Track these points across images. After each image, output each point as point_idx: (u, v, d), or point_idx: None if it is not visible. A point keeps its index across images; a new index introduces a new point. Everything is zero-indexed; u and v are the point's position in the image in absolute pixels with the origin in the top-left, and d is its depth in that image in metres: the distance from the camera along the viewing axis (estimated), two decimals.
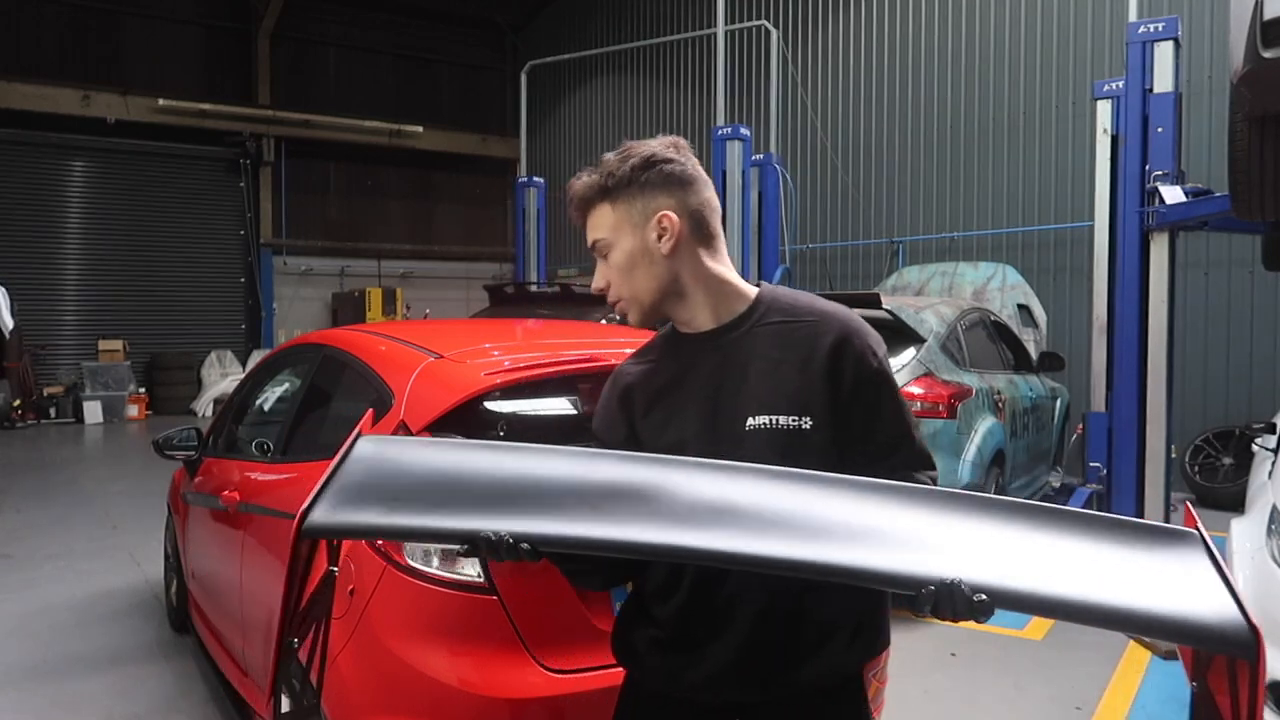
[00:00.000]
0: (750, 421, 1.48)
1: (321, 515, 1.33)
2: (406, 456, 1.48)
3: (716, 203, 1.59)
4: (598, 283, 1.58)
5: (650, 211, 1.52)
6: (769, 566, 1.22)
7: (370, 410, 1.73)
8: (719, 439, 1.49)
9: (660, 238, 1.52)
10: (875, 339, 1.55)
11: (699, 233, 1.55)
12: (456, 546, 1.30)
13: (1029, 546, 1.24)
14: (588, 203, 1.56)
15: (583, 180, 1.56)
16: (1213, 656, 1.21)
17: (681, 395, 1.55)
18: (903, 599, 1.19)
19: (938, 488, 1.41)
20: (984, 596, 1.13)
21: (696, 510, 1.29)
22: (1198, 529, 1.26)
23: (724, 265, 1.58)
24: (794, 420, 1.47)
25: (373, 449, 1.46)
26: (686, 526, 1.26)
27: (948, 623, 1.12)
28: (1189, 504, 1.45)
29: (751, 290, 1.59)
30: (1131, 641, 4.55)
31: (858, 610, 1.53)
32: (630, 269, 1.53)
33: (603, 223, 1.54)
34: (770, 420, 1.47)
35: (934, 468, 1.57)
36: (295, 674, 1.36)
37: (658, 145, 1.56)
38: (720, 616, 1.50)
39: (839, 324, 1.52)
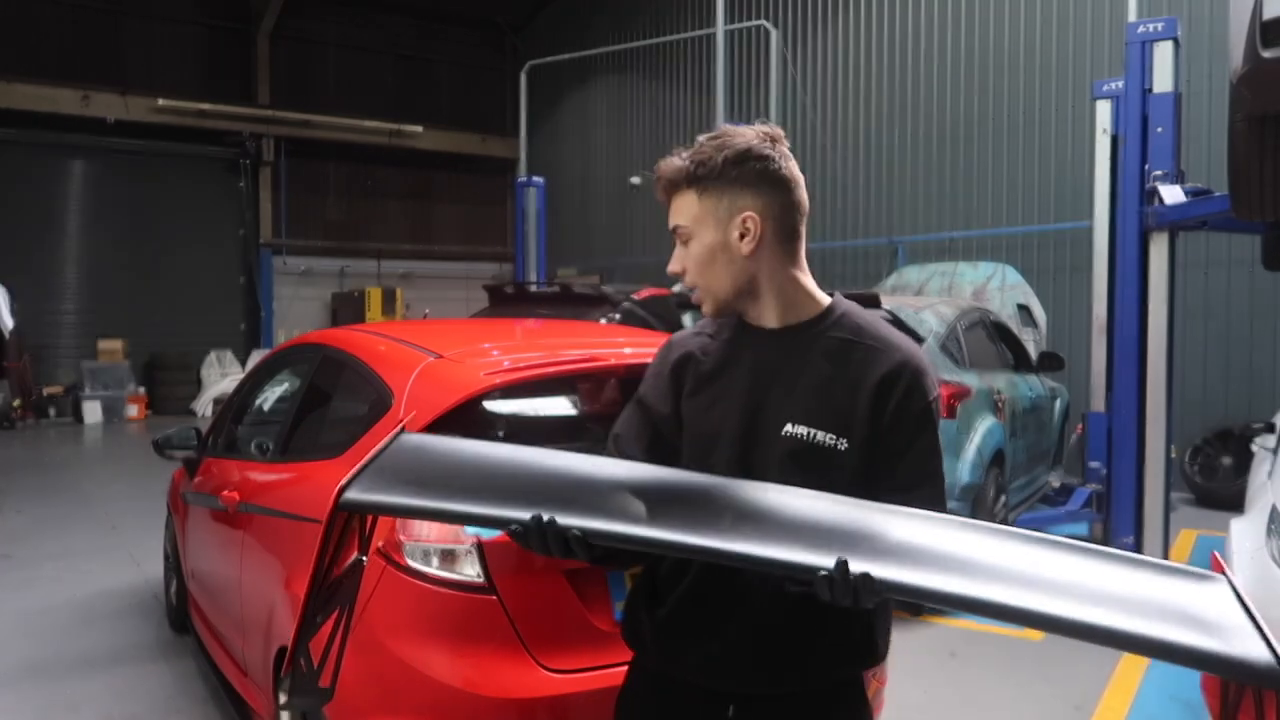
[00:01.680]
0: (788, 428, 1.49)
1: (359, 491, 1.35)
2: (447, 450, 1.53)
3: (805, 204, 1.57)
4: (673, 266, 1.56)
5: (736, 209, 1.50)
6: (704, 555, 1.28)
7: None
8: (753, 437, 1.51)
9: (742, 238, 1.50)
10: (930, 380, 1.53)
11: (781, 235, 1.53)
12: (464, 546, 1.33)
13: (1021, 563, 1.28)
14: (674, 185, 1.53)
15: (673, 163, 1.53)
16: (1242, 695, 1.22)
17: (729, 384, 1.56)
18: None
19: (913, 510, 1.42)
20: (867, 572, 1.18)
21: (660, 508, 1.36)
22: (1225, 574, 1.28)
23: (800, 269, 1.57)
24: (832, 439, 1.47)
25: (415, 442, 1.51)
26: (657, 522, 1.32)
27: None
28: (1216, 554, 1.46)
29: (824, 299, 1.58)
30: None
31: (858, 617, 1.47)
32: (708, 263, 1.52)
33: (686, 210, 1.52)
34: (809, 432, 1.48)
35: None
36: (305, 654, 1.41)
37: (754, 138, 1.52)
38: (723, 604, 1.52)
39: (898, 357, 1.51)
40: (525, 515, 1.29)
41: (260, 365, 4.33)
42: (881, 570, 1.21)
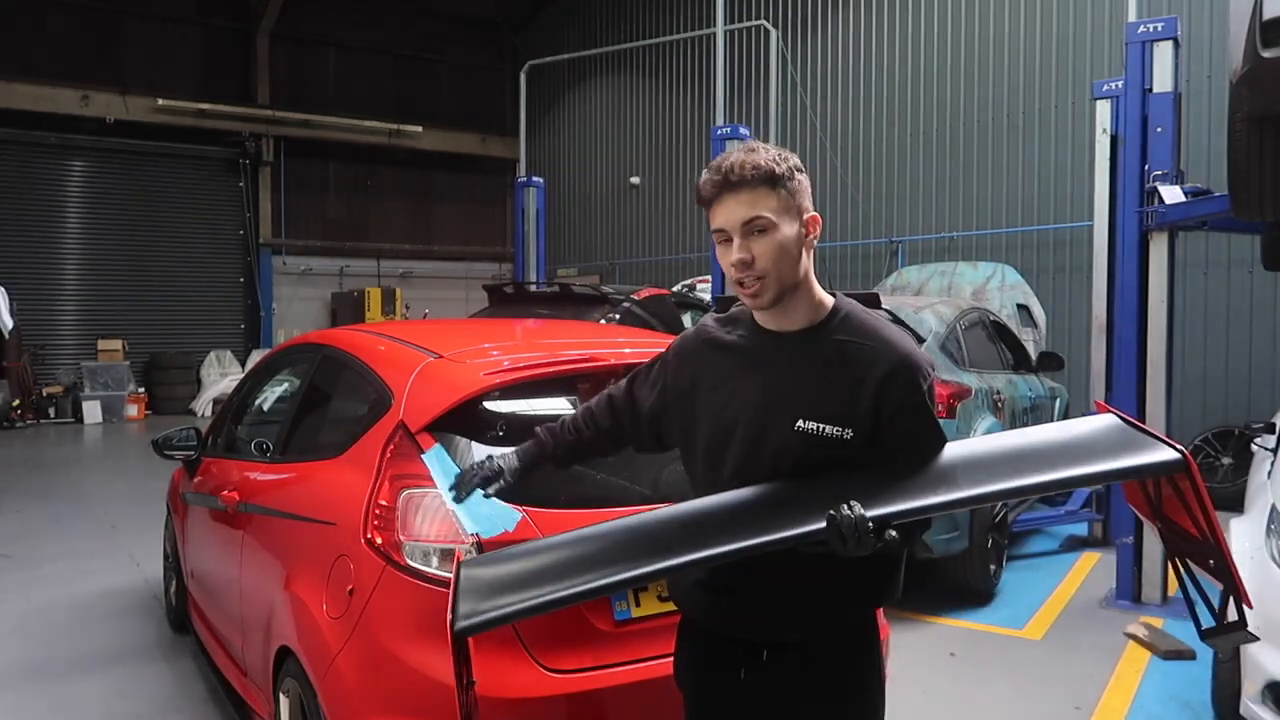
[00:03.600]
0: (800, 424, 1.66)
1: (468, 615, 1.56)
2: (515, 553, 1.79)
3: None
4: (741, 255, 1.64)
5: (803, 209, 1.67)
6: (736, 555, 1.56)
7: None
8: (767, 431, 1.68)
9: (807, 235, 1.68)
10: (925, 371, 1.68)
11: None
12: (464, 546, 1.49)
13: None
14: (756, 181, 1.62)
15: (754, 160, 1.63)
16: (1160, 490, 1.63)
17: (747, 383, 1.72)
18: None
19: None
20: (861, 515, 1.46)
21: (676, 533, 1.66)
22: (1110, 411, 1.69)
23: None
24: (838, 430, 1.64)
25: (481, 559, 1.73)
26: (678, 549, 1.60)
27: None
28: (1099, 401, 1.72)
29: (829, 300, 1.73)
30: (1131, 642, 4.56)
31: (869, 568, 1.64)
32: (785, 253, 1.64)
33: (767, 204, 1.63)
34: (817, 427, 1.65)
35: None
36: None
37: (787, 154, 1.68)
38: (747, 565, 1.65)
39: (895, 355, 1.66)
40: (626, 576, 1.57)
41: (260, 365, 4.33)
42: (871, 511, 1.47)
